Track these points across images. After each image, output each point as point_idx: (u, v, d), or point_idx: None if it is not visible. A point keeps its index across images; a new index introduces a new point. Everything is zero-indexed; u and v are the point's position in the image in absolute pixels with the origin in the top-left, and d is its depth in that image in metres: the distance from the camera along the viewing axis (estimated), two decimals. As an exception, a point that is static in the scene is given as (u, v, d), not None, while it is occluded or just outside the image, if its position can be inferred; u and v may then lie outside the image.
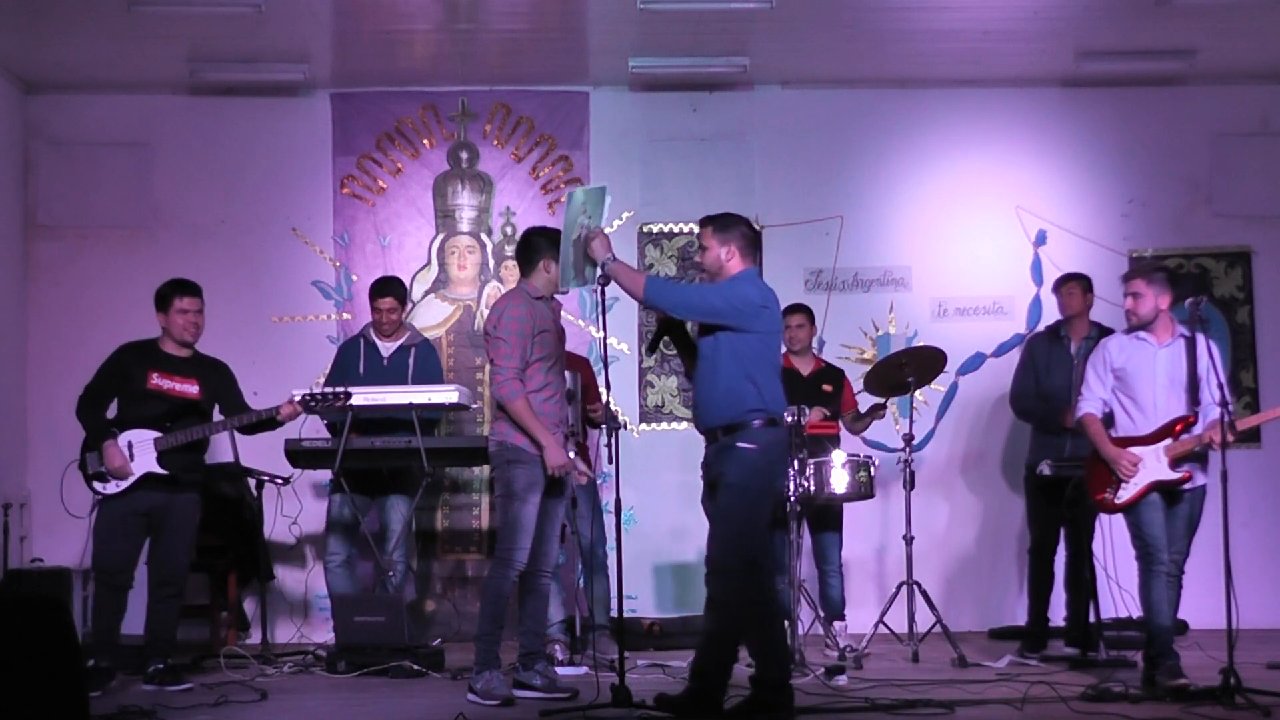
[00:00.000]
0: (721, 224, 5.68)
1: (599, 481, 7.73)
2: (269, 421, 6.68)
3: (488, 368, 7.04)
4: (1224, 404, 5.87)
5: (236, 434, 6.75)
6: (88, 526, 6.69)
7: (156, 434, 6.51)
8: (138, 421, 6.54)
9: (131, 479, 6.48)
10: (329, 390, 6.79)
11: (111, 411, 6.65)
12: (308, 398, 6.71)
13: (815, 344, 8.32)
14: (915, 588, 7.31)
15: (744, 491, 5.44)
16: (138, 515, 6.54)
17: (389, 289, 7.64)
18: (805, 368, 7.86)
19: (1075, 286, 7.59)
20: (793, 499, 6.94)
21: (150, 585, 6.62)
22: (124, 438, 6.50)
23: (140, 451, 6.49)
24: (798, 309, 7.94)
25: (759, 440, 5.44)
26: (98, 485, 6.54)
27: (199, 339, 6.72)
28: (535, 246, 6.12)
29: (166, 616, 6.59)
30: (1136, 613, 6.45)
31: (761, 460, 5.45)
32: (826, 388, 7.80)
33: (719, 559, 5.45)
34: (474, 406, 8.24)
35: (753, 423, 5.45)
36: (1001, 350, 8.86)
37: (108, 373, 6.66)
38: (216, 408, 6.79)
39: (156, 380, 6.57)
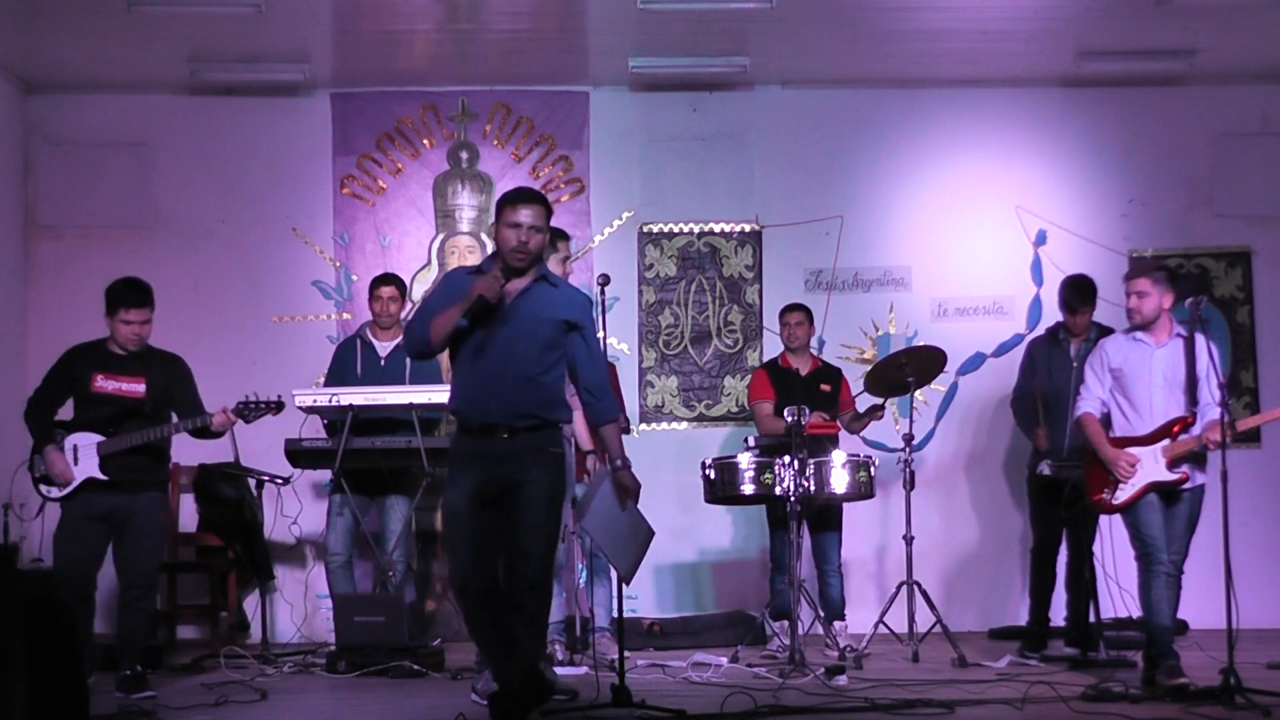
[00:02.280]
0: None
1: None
2: (208, 429, 6.44)
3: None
4: (1223, 404, 5.86)
5: (236, 434, 6.69)
6: (40, 529, 6.57)
7: (100, 438, 6.36)
8: (85, 425, 6.40)
9: (73, 484, 6.35)
10: (263, 400, 6.49)
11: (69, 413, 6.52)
12: (240, 405, 6.47)
13: (815, 344, 8.32)
14: (915, 588, 7.31)
15: (555, 501, 5.15)
16: (95, 520, 6.36)
17: (390, 278, 7.69)
18: (803, 367, 7.87)
19: (1088, 310, 7.38)
20: (793, 499, 6.94)
21: (119, 589, 6.43)
22: (70, 441, 6.38)
23: (84, 456, 6.35)
24: (796, 307, 7.95)
25: (564, 444, 5.28)
26: (44, 489, 6.44)
27: (143, 345, 6.47)
28: None
29: (133, 620, 6.37)
30: (1136, 613, 6.44)
31: (565, 463, 5.29)
32: (824, 387, 7.79)
33: (542, 576, 5.10)
34: (474, 406, 8.23)
35: (562, 424, 5.25)
36: (1001, 350, 8.86)
37: (55, 377, 6.51)
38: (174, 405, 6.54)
39: (101, 383, 6.41)
